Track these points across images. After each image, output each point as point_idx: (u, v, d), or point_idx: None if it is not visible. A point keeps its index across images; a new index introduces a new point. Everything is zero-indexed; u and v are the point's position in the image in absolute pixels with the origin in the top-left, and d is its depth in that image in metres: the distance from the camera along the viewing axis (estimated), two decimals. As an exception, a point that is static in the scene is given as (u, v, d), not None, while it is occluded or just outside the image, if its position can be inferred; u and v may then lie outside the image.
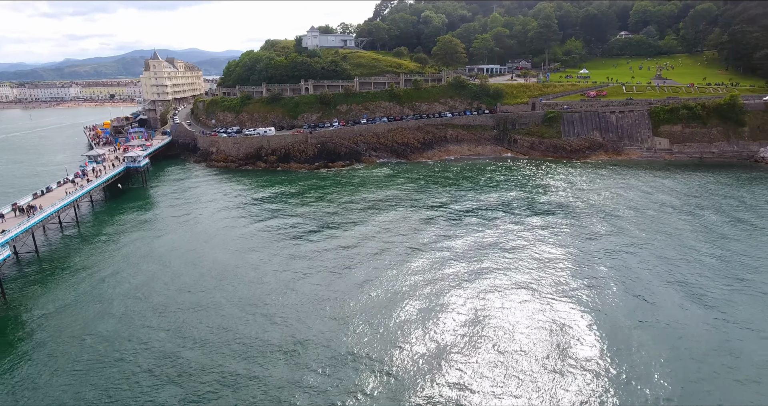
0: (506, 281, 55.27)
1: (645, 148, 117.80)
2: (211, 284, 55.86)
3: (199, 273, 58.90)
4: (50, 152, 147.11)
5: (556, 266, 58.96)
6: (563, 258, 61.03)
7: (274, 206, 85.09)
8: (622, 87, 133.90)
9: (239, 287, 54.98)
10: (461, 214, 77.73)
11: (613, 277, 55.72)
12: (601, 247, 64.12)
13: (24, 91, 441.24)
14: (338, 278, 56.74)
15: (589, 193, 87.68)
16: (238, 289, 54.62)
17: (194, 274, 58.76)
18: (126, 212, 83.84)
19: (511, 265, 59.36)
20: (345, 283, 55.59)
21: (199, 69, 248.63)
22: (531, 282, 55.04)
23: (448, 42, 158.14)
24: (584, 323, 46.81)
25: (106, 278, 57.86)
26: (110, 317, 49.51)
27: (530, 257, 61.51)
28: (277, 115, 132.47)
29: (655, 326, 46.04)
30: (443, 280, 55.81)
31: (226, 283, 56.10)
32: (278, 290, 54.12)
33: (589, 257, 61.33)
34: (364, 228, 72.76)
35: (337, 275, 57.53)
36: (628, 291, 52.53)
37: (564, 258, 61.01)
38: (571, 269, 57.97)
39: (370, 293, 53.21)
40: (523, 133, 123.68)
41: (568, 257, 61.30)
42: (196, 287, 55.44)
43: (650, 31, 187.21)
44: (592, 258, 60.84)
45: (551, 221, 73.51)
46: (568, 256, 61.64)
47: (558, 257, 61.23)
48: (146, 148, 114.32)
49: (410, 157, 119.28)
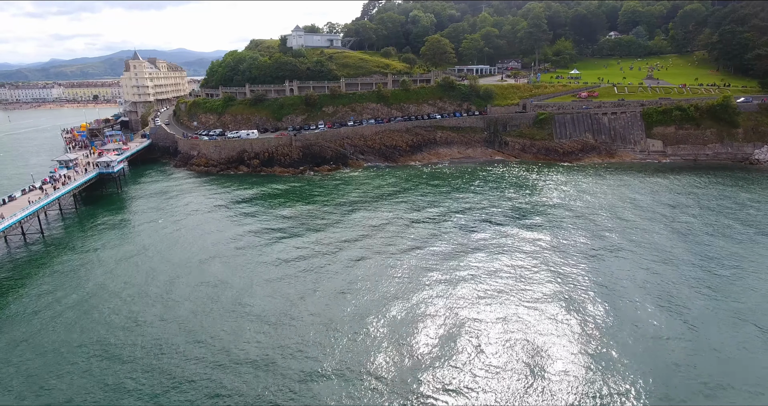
0: (494, 293, 51.82)
1: (638, 150, 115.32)
2: (180, 296, 51.70)
3: (169, 286, 54.64)
4: (23, 157, 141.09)
5: (548, 276, 55.61)
6: (556, 267, 57.71)
7: (256, 213, 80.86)
8: (614, 88, 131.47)
9: (212, 305, 50.87)
10: (450, 220, 74.19)
11: (609, 291, 52.48)
12: (598, 255, 60.93)
13: (4, 92, 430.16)
14: (318, 285, 53.15)
15: (583, 197, 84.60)
16: (212, 307, 50.51)
17: (163, 288, 54.48)
18: (97, 221, 79.08)
19: (500, 276, 55.91)
20: (326, 290, 52.30)
21: (183, 69, 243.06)
22: (524, 297, 51.60)
23: (436, 42, 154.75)
24: (565, 340, 43.52)
25: (66, 299, 53.28)
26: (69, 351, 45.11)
27: (523, 269, 58.10)
28: (260, 118, 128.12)
29: (646, 341, 42.92)
30: (426, 294, 52.18)
31: (197, 296, 51.99)
32: (259, 305, 50.13)
33: (584, 265, 58.10)
34: (347, 234, 69.03)
35: (317, 283, 54.07)
36: (641, 304, 49.38)
37: (557, 267, 57.70)
38: (563, 279, 54.65)
39: (352, 301, 49.94)
40: (514, 135, 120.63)
41: (562, 266, 58.01)
42: (166, 300, 51.21)
43: (640, 32, 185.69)
44: (587, 267, 57.62)
45: (545, 229, 70.25)
46: (561, 265, 58.34)
47: (551, 267, 57.90)
48: (122, 152, 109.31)
49: (398, 160, 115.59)
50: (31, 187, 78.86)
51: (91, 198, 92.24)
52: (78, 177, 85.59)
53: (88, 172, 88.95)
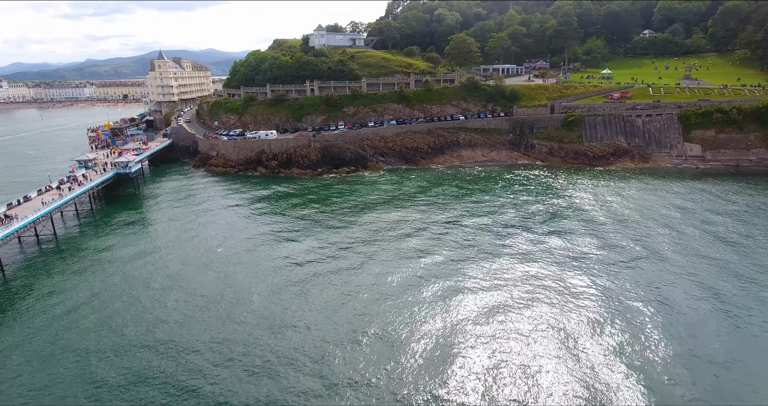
0: (526, 316, 47.85)
1: (675, 155, 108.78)
2: (196, 305, 49.52)
3: (182, 294, 52.58)
4: (49, 155, 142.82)
5: (582, 298, 51.30)
6: (589, 287, 53.33)
7: (271, 217, 78.56)
8: (649, 88, 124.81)
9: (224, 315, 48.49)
10: (474, 230, 70.21)
11: (649, 314, 47.92)
12: (634, 274, 56.21)
13: (40, 91, 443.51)
14: (338, 307, 49.98)
15: (615, 207, 79.35)
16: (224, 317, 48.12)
17: (176, 296, 52.43)
18: (111, 222, 78.07)
19: (530, 296, 51.89)
20: (345, 313, 48.88)
21: (208, 69, 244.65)
22: (556, 321, 47.50)
23: (461, 41, 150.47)
24: (617, 373, 39.28)
25: (78, 305, 51.64)
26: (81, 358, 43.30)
27: (553, 287, 53.88)
28: (280, 118, 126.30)
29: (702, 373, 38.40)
30: (452, 315, 48.57)
31: (207, 305, 49.71)
32: (276, 324, 47.50)
33: (620, 286, 53.55)
34: (366, 246, 65.83)
35: (337, 301, 50.88)
36: (667, 331, 44.78)
37: (590, 287, 53.32)
38: (598, 301, 50.29)
39: (374, 324, 46.49)
40: (542, 138, 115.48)
41: (595, 285, 53.61)
42: (175, 310, 49.11)
43: (676, 30, 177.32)
44: (623, 288, 53.05)
45: (575, 241, 65.53)
46: (594, 284, 53.92)
47: (584, 286, 53.54)
48: (142, 152, 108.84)
49: (419, 162, 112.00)
50: (47, 188, 78.39)
51: (108, 198, 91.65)
52: (95, 177, 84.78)
53: (106, 173, 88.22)
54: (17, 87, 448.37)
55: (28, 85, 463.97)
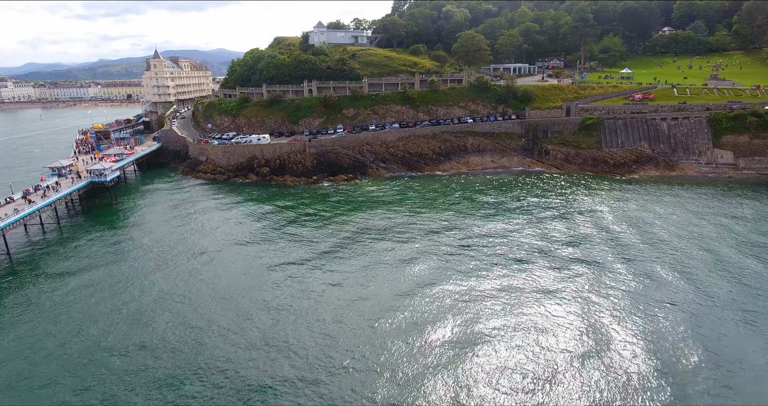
0: (553, 377, 39.22)
1: (704, 162, 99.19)
2: (160, 341, 41.47)
3: (136, 335, 44.52)
4: (35, 160, 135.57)
5: (615, 352, 42.54)
6: (625, 334, 44.53)
7: (256, 231, 70.51)
8: (673, 89, 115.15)
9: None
10: (486, 256, 61.00)
11: (686, 346, 39.11)
12: (678, 317, 47.31)
13: (44, 91, 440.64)
14: (325, 330, 41.66)
15: (645, 225, 69.83)
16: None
17: (127, 337, 44.39)
18: (77, 240, 69.80)
19: (548, 334, 43.24)
20: (335, 341, 40.50)
21: (207, 68, 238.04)
22: (588, 388, 38.83)
23: (470, 38, 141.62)
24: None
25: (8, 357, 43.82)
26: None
27: (582, 338, 45.11)
28: (275, 120, 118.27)
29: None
30: (458, 353, 40.06)
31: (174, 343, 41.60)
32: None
33: (651, 315, 44.74)
34: (357, 261, 57.61)
35: (324, 323, 42.53)
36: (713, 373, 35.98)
37: (626, 335, 44.51)
38: (638, 357, 41.51)
39: (361, 351, 38.01)
40: (557, 143, 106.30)
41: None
42: (126, 344, 41.07)
43: (698, 27, 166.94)
44: (654, 318, 44.24)
45: (604, 272, 56.20)
46: (633, 331, 45.09)
47: (619, 334, 44.74)
48: (124, 157, 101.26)
49: (424, 169, 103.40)
50: (7, 200, 70.59)
51: (82, 209, 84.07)
52: (64, 187, 77.03)
53: (78, 182, 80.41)
54: (23, 87, 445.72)
55: (33, 85, 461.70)
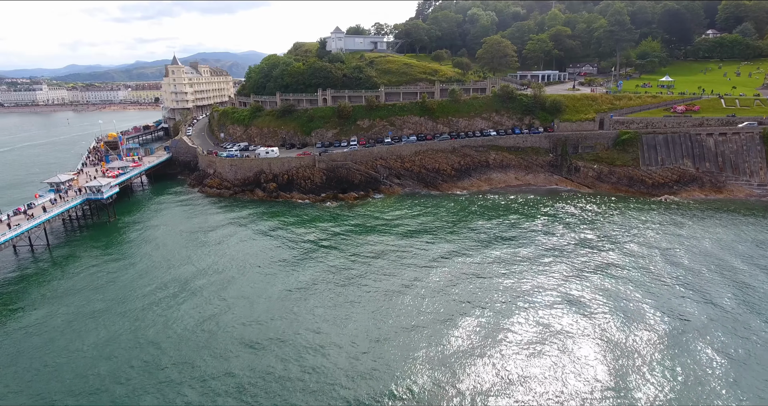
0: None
1: (756, 183, 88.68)
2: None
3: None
4: (44, 172, 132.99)
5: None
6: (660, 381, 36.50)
7: (253, 258, 64.69)
8: (721, 100, 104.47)
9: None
10: (511, 296, 53.64)
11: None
12: (718, 367, 38.94)
13: (76, 94, 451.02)
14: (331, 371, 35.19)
15: (692, 262, 60.68)
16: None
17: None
18: (66, 264, 65.50)
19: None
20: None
21: (228, 73, 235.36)
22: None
23: (496, 43, 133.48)
24: None
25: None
26: None
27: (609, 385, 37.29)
28: (288, 131, 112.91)
29: None
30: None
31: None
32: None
33: (702, 384, 36.54)
34: (362, 293, 50.86)
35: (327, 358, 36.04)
36: None
37: (661, 381, 36.48)
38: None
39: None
40: (588, 160, 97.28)
41: (668, 382, 36.76)
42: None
43: (747, 29, 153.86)
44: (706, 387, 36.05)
45: (648, 325, 48.07)
46: (667, 378, 37.01)
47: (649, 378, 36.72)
48: (129, 170, 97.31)
49: (441, 186, 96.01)
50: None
51: (78, 228, 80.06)
52: (56, 207, 72.90)
53: (69, 201, 76.19)
54: (56, 89, 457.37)
55: (67, 88, 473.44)
